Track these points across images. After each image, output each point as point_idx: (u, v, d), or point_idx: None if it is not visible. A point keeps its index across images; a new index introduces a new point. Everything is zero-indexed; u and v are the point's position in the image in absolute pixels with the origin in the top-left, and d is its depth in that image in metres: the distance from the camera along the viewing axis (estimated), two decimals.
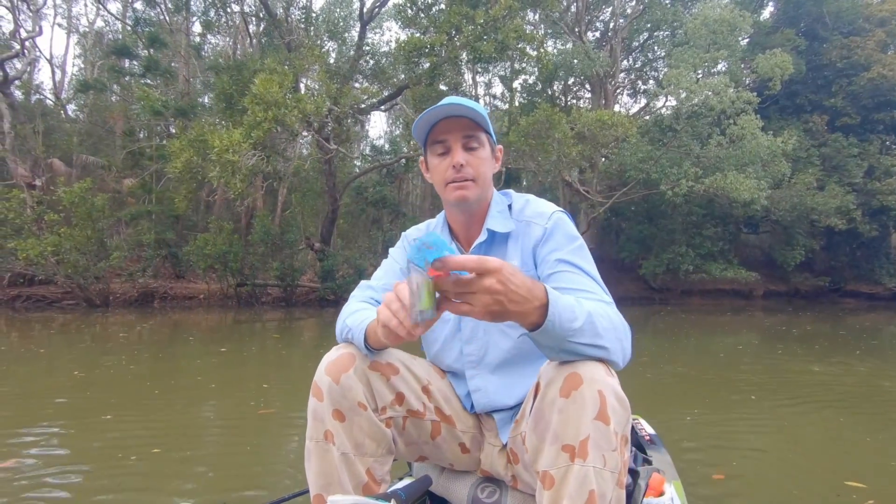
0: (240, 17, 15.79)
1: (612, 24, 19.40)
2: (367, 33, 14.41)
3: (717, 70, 15.55)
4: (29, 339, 6.63)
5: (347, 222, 17.45)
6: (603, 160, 16.69)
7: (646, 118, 18.12)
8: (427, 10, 12.59)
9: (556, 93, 19.79)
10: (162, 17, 16.11)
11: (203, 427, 3.03)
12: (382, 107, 14.98)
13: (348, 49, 15.99)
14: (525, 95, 19.32)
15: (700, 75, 14.40)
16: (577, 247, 1.05)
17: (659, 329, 9.23)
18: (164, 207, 13.43)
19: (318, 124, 10.97)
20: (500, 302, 0.73)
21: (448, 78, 12.16)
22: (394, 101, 14.21)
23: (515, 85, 19.20)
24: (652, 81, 20.35)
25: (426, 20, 12.39)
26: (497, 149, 1.16)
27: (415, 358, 1.14)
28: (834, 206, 16.13)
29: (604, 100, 17.99)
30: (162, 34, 14.84)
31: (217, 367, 4.99)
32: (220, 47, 18.36)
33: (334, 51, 16.26)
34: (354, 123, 14.33)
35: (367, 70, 15.01)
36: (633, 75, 21.23)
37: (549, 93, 19.21)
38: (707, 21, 13.82)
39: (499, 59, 11.82)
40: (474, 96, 17.95)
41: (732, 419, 3.27)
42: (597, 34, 20.47)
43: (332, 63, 14.41)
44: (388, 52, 15.10)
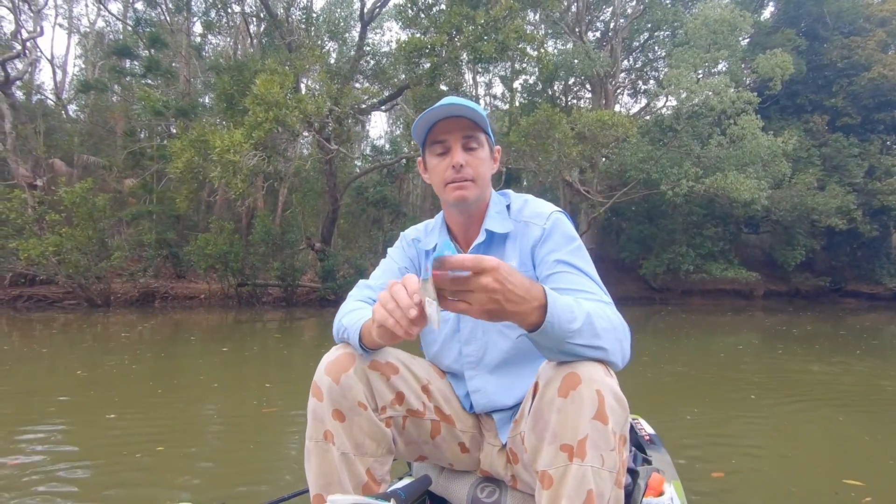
0: (240, 18, 15.81)
1: (612, 24, 19.41)
2: (367, 33, 14.44)
3: (717, 70, 15.55)
4: (31, 339, 6.65)
5: (348, 222, 17.47)
6: (603, 160, 16.70)
7: (646, 118, 18.13)
8: (427, 10, 12.60)
9: (556, 93, 19.79)
10: (163, 18, 16.15)
11: (206, 425, 3.05)
12: (383, 107, 15.00)
13: (349, 49, 16.01)
14: (525, 95, 19.32)
15: (700, 75, 14.40)
16: (575, 247, 1.04)
17: (659, 329, 9.24)
18: (165, 207, 13.46)
19: (318, 124, 10.98)
20: (498, 301, 0.73)
21: (448, 78, 12.17)
22: (394, 101, 14.22)
23: (516, 85, 19.22)
24: (652, 81, 20.36)
25: (427, 20, 12.40)
26: (495, 149, 1.15)
27: (414, 357, 1.14)
28: (834, 206, 16.13)
29: (604, 100, 18.00)
30: (163, 34, 14.86)
31: (219, 366, 5.01)
32: (220, 47, 18.40)
33: (335, 51, 16.28)
34: (355, 124, 14.35)
35: (368, 70, 15.04)
36: (634, 75, 21.24)
37: (550, 93, 19.21)
38: (707, 21, 13.83)
39: (499, 59, 11.81)
40: (475, 96, 17.96)
41: (732, 418, 3.29)
42: (597, 34, 20.48)
43: (333, 63, 14.42)
44: (388, 53, 15.13)
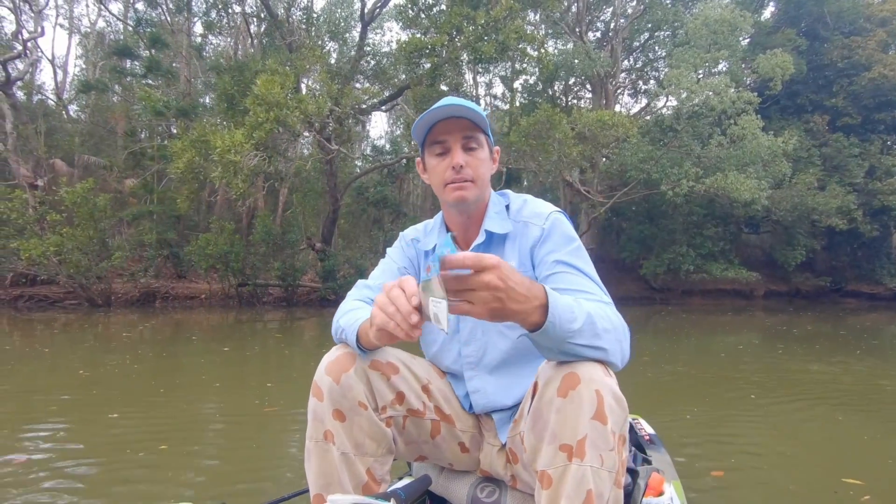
0: (241, 18, 15.83)
1: (612, 25, 19.42)
2: (368, 34, 14.45)
3: (717, 70, 15.56)
4: (32, 339, 6.67)
5: (348, 222, 17.50)
6: (604, 160, 16.71)
7: (646, 118, 18.13)
8: (428, 10, 12.61)
9: (556, 93, 19.79)
10: (163, 18, 16.17)
11: (208, 424, 3.06)
12: (383, 107, 15.01)
13: (349, 49, 16.02)
14: (526, 96, 19.32)
15: (701, 75, 14.41)
16: (574, 248, 1.04)
17: (660, 329, 9.25)
18: (166, 207, 13.47)
19: (319, 125, 10.99)
20: (501, 299, 0.73)
21: (449, 78, 12.18)
22: (395, 101, 14.23)
23: (516, 85, 19.21)
24: (653, 81, 20.37)
25: (427, 21, 12.41)
26: (494, 150, 1.15)
27: (414, 357, 1.14)
28: (835, 206, 16.12)
29: (604, 100, 18.00)
30: (163, 35, 14.88)
31: (220, 365, 5.03)
32: (221, 48, 18.42)
33: (335, 51, 16.29)
34: (355, 124, 14.36)
35: (369, 70, 15.05)
36: (634, 75, 21.24)
37: (550, 93, 19.21)
38: (708, 21, 13.83)
39: (499, 59, 11.82)
40: (475, 97, 17.96)
41: (732, 417, 3.30)
42: (597, 34, 20.49)
43: (334, 63, 14.44)
44: (389, 53, 15.15)
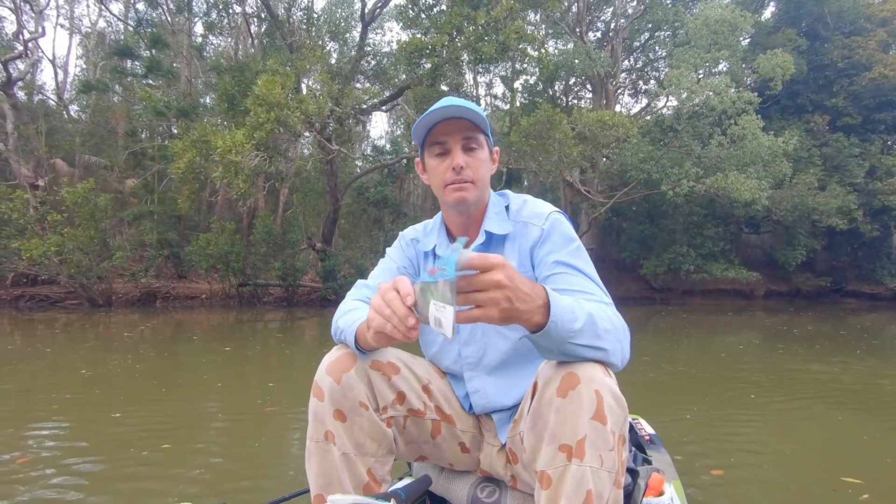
0: (241, 18, 15.85)
1: (613, 25, 19.43)
2: (368, 34, 14.45)
3: (718, 70, 15.57)
4: (34, 339, 6.68)
5: (349, 222, 17.51)
6: (604, 160, 16.71)
7: (647, 118, 18.13)
8: (428, 10, 12.62)
9: (557, 93, 19.80)
10: (164, 18, 16.19)
11: (210, 423, 3.07)
12: (384, 107, 15.02)
13: (350, 49, 16.03)
14: (526, 96, 19.33)
15: (701, 75, 14.42)
16: (574, 248, 1.04)
17: (660, 329, 9.25)
18: (167, 207, 13.49)
19: (319, 125, 11.00)
20: (509, 299, 0.72)
21: (449, 79, 12.19)
22: (395, 101, 14.24)
23: (516, 85, 19.21)
24: (653, 82, 20.37)
25: (427, 21, 12.42)
26: (494, 150, 1.14)
27: (415, 357, 1.14)
28: (835, 206, 16.12)
29: (605, 100, 18.01)
30: (164, 35, 14.91)
31: (221, 365, 5.04)
32: (221, 48, 18.43)
33: (336, 51, 16.31)
34: (356, 124, 14.37)
35: (369, 70, 15.06)
36: (635, 75, 21.24)
37: (551, 93, 19.23)
38: (708, 21, 13.84)
39: (500, 59, 11.83)
40: (475, 97, 17.97)
41: (732, 417, 3.30)
42: (598, 34, 20.50)
43: (334, 64, 14.45)
44: (389, 53, 15.15)
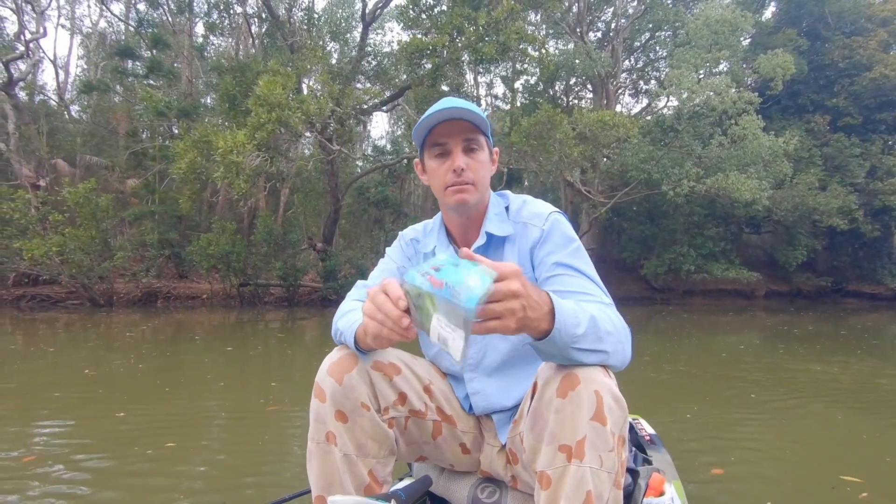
0: (242, 19, 15.86)
1: (613, 25, 19.43)
2: (369, 34, 14.46)
3: (718, 70, 15.57)
4: (36, 339, 6.70)
5: (350, 222, 17.51)
6: (604, 160, 16.72)
7: (647, 118, 18.13)
8: (429, 11, 12.63)
9: (557, 93, 19.81)
10: (165, 19, 16.21)
11: (213, 422, 3.09)
12: (384, 107, 15.02)
13: (350, 50, 16.04)
14: (527, 96, 19.33)
15: (702, 75, 14.42)
16: (574, 248, 1.04)
17: (661, 329, 9.26)
18: (168, 208, 13.51)
19: (320, 125, 11.01)
20: (524, 307, 0.71)
21: (450, 79, 12.20)
22: (396, 101, 14.25)
23: (517, 85, 19.21)
24: (654, 82, 20.37)
25: (428, 21, 12.43)
26: (494, 151, 1.14)
27: (415, 357, 1.13)
28: (836, 206, 16.12)
29: (605, 100, 18.02)
30: (165, 35, 14.93)
31: (223, 365, 5.06)
32: (222, 48, 18.44)
33: (336, 51, 16.31)
34: (357, 124, 14.37)
35: (370, 71, 15.06)
36: (635, 75, 21.25)
37: (551, 93, 19.24)
38: (709, 21, 13.85)
39: (500, 60, 11.85)
40: (476, 97, 17.98)
41: (732, 416, 3.32)
42: (598, 34, 20.51)
43: (335, 64, 14.46)
44: (390, 53, 15.16)
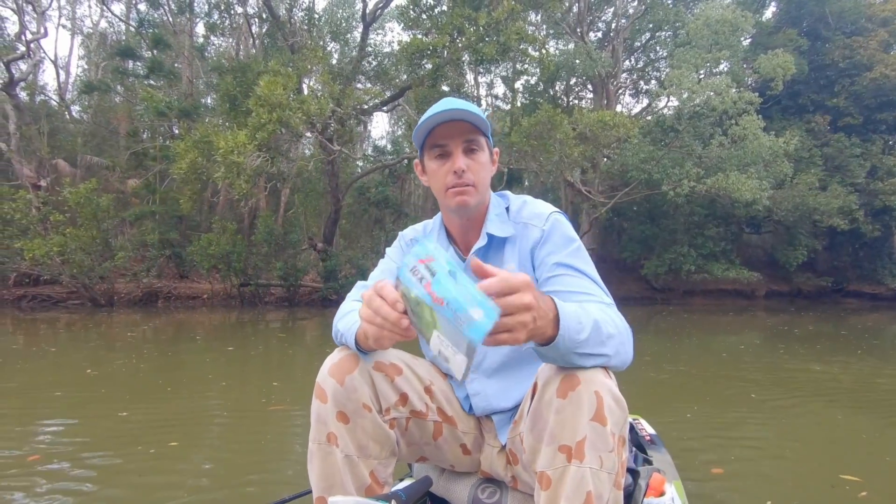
0: (243, 19, 15.87)
1: (613, 25, 19.44)
2: (369, 34, 14.47)
3: (719, 70, 15.56)
4: (37, 339, 6.72)
5: (350, 222, 17.53)
6: (605, 160, 16.73)
7: (648, 118, 18.13)
8: (429, 11, 12.64)
9: (557, 93, 19.81)
10: (165, 19, 16.23)
11: (215, 422, 3.10)
12: (385, 108, 15.02)
13: (351, 50, 16.05)
14: (527, 96, 19.33)
15: (702, 76, 14.41)
16: (575, 248, 1.04)
17: (661, 329, 9.27)
18: (168, 208, 13.53)
19: (321, 125, 11.03)
20: (535, 318, 0.70)
21: (450, 79, 12.21)
22: (396, 101, 14.26)
23: (517, 85, 19.22)
24: (654, 82, 20.38)
25: (429, 22, 12.43)
26: (494, 151, 1.13)
27: (416, 358, 1.13)
28: (836, 206, 16.11)
29: (606, 100, 18.02)
30: (165, 35, 14.95)
31: (225, 364, 5.07)
32: (223, 48, 18.45)
33: (337, 52, 16.33)
34: (357, 124, 14.38)
35: (370, 71, 15.06)
36: (635, 75, 21.25)
37: (551, 93, 19.23)
38: (709, 21, 13.85)
39: (501, 60, 11.86)
40: (476, 97, 17.99)
41: (732, 416, 3.33)
42: (599, 35, 20.51)
43: (335, 64, 14.47)
44: (390, 53, 15.17)
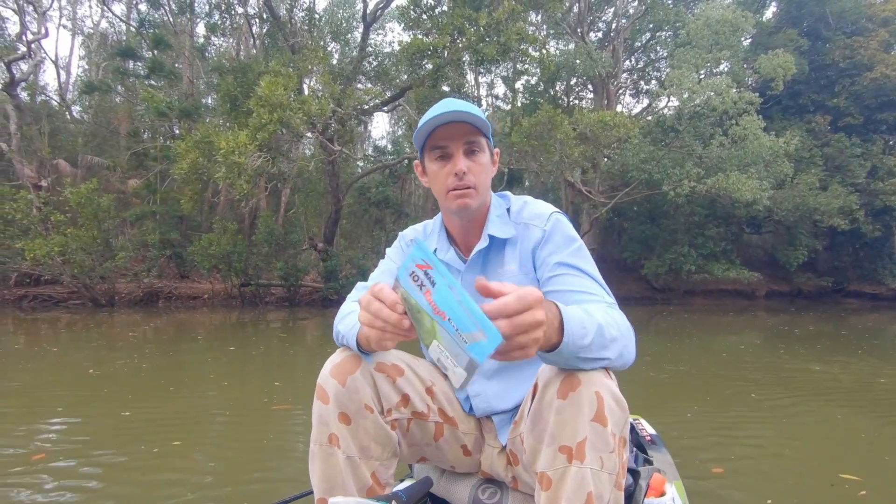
0: (243, 19, 15.88)
1: (614, 25, 19.45)
2: (370, 34, 14.48)
3: (719, 70, 15.56)
4: (38, 339, 6.73)
5: (350, 222, 17.53)
6: (605, 160, 16.73)
7: (648, 118, 18.13)
8: (430, 11, 12.65)
9: (558, 93, 19.80)
10: (166, 19, 16.24)
11: (217, 421, 3.11)
12: (385, 108, 15.03)
13: (351, 50, 16.06)
14: (527, 96, 19.32)
15: (702, 76, 14.41)
16: (576, 248, 1.04)
17: (661, 329, 9.27)
18: (169, 208, 13.54)
19: (321, 126, 11.03)
20: (545, 331, 0.71)
21: (451, 79, 12.21)
22: (397, 102, 14.27)
23: (518, 85, 19.22)
24: (654, 82, 20.38)
25: (429, 22, 12.44)
26: (495, 152, 1.13)
27: (416, 358, 1.12)
28: (837, 206, 16.11)
29: (606, 100, 18.02)
30: (166, 36, 14.96)
31: (226, 364, 5.08)
32: (223, 49, 18.47)
33: (337, 52, 16.34)
34: (357, 124, 14.39)
35: (371, 71, 15.07)
36: (636, 76, 21.24)
37: (552, 93, 19.22)
38: (709, 21, 13.85)
39: (501, 60, 11.86)
40: (476, 97, 17.99)
41: (732, 415, 3.33)
42: (599, 35, 20.51)
43: (336, 64, 14.48)
44: (391, 54, 15.17)
